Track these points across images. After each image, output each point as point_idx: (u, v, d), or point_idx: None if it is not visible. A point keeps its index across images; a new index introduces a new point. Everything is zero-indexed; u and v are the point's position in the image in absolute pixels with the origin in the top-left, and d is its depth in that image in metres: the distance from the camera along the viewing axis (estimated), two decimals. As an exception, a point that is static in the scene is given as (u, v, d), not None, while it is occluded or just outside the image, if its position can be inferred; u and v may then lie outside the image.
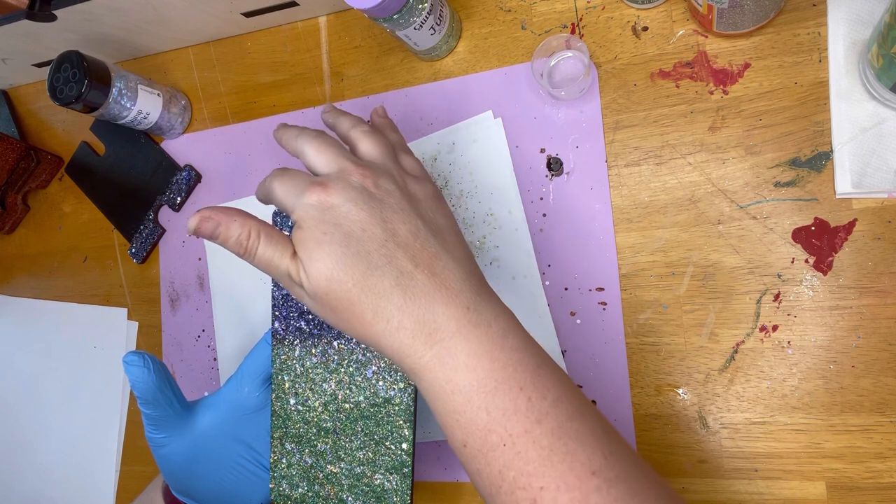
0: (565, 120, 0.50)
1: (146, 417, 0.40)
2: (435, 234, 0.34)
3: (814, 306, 0.43)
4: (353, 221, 0.32)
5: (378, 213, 0.32)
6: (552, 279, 0.49)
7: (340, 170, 0.33)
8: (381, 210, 0.32)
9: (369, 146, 0.36)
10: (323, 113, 0.40)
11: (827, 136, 0.44)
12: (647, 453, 0.46)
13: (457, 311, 0.32)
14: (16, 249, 0.72)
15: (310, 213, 0.32)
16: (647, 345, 0.47)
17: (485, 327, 0.32)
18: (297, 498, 0.42)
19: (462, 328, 0.31)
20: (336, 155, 0.34)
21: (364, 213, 0.32)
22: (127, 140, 0.65)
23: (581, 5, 0.51)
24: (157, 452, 0.41)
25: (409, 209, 0.33)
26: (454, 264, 0.33)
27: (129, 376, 0.39)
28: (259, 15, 0.59)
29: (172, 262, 0.63)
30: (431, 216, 0.34)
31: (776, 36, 0.46)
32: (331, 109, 0.40)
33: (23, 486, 0.67)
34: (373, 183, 0.33)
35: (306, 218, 0.32)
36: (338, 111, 0.39)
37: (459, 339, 0.31)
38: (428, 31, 0.50)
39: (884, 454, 0.41)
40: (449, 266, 0.33)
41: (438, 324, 0.31)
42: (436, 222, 0.34)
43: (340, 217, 0.32)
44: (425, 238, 0.33)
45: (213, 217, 0.33)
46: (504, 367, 0.31)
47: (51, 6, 0.56)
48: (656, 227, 0.47)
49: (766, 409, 0.44)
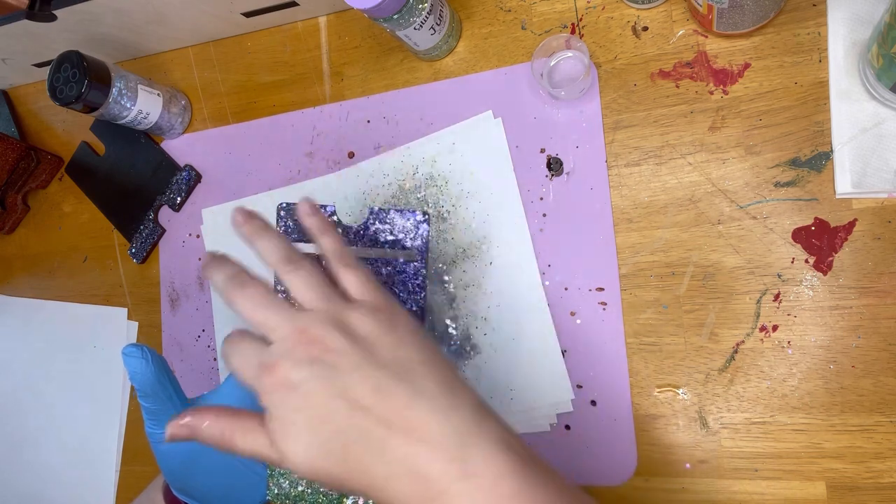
0: (565, 120, 0.50)
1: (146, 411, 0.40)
2: (400, 377, 0.31)
3: (814, 306, 0.43)
4: (313, 405, 0.31)
5: (336, 384, 0.31)
6: (552, 279, 0.49)
7: (282, 339, 0.32)
8: (337, 378, 0.31)
9: (301, 290, 0.34)
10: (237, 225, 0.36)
11: (827, 136, 0.44)
12: (647, 453, 0.46)
13: (442, 465, 0.30)
14: (16, 249, 0.72)
15: (271, 402, 0.31)
16: (647, 345, 0.47)
17: (473, 479, 0.30)
18: (295, 496, 0.42)
19: (452, 484, 0.30)
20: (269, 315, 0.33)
21: (321, 390, 0.31)
22: (127, 140, 0.65)
23: (581, 5, 0.51)
24: (156, 449, 0.41)
25: (365, 362, 0.31)
26: (428, 406, 0.31)
27: (127, 368, 0.39)
28: (259, 15, 0.59)
29: (172, 262, 0.63)
30: (392, 355, 0.32)
31: (776, 36, 0.46)
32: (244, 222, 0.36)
33: (23, 486, 0.67)
34: (319, 349, 0.31)
35: (269, 407, 0.31)
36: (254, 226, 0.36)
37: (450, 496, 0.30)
38: (428, 31, 0.50)
39: (884, 454, 0.41)
40: (423, 412, 0.30)
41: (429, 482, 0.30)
42: (398, 360, 0.32)
43: (300, 402, 0.31)
44: (390, 388, 0.31)
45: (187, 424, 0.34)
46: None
47: (51, 6, 0.56)
48: (656, 227, 0.47)
49: (766, 409, 0.44)
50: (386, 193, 0.55)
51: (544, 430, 0.48)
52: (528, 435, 0.48)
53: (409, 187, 0.54)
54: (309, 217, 0.39)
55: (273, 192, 0.59)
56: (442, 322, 0.51)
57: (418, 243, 0.51)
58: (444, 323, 0.51)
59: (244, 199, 0.60)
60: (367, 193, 0.55)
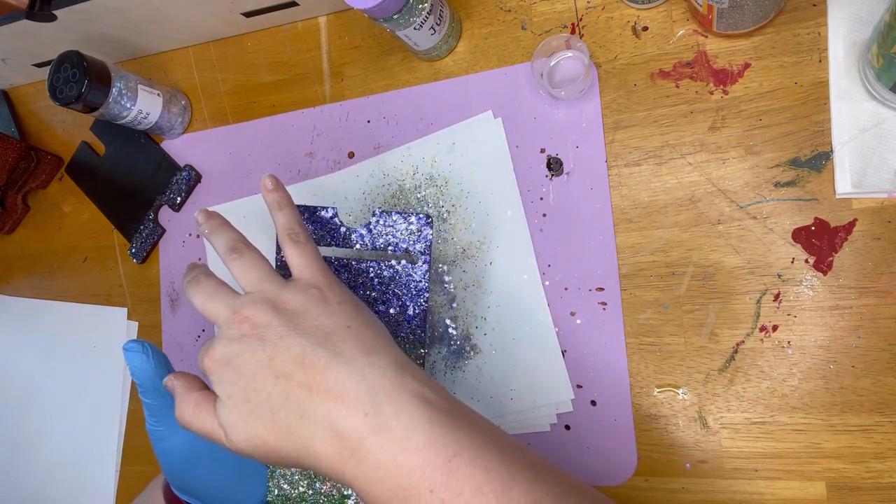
0: (565, 120, 0.50)
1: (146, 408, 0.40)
2: (322, 342, 0.33)
3: (814, 306, 0.43)
4: (244, 376, 0.33)
5: (261, 355, 0.33)
6: (552, 279, 0.49)
7: (223, 323, 0.35)
8: (262, 350, 0.33)
9: (240, 275, 0.37)
10: (198, 225, 0.40)
11: (827, 136, 0.44)
12: (647, 453, 0.46)
13: (356, 421, 0.31)
14: (16, 249, 0.72)
15: (213, 381, 0.34)
16: (647, 345, 0.47)
17: (386, 432, 0.31)
18: (296, 497, 0.42)
19: (365, 439, 0.31)
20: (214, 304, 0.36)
21: (250, 362, 0.33)
22: (127, 140, 0.65)
23: (581, 5, 0.51)
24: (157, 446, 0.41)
25: (289, 331, 0.33)
26: (347, 369, 0.33)
27: (128, 363, 0.39)
28: (259, 15, 0.59)
29: (172, 262, 0.63)
30: (316, 323, 0.34)
31: (776, 36, 0.46)
32: (205, 220, 0.40)
33: (23, 486, 0.68)
34: (249, 325, 0.34)
35: (214, 386, 0.34)
36: (213, 223, 0.39)
37: (364, 451, 0.31)
38: (428, 31, 0.50)
39: (884, 454, 0.41)
40: (342, 374, 0.32)
41: (346, 438, 0.31)
42: (322, 328, 0.34)
43: (233, 376, 0.33)
44: (312, 354, 0.33)
45: (166, 383, 0.37)
46: (410, 472, 0.30)
47: (51, 6, 0.56)
48: (656, 227, 0.47)
49: (766, 409, 0.44)
50: (386, 193, 0.55)
51: (544, 430, 0.48)
52: (528, 435, 0.48)
53: (409, 187, 0.54)
54: (269, 192, 0.40)
55: (273, 192, 0.59)
56: (442, 322, 0.51)
57: (421, 246, 0.51)
58: (444, 323, 0.51)
59: (244, 199, 0.60)
60: (367, 193, 0.55)
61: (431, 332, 0.52)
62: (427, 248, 0.49)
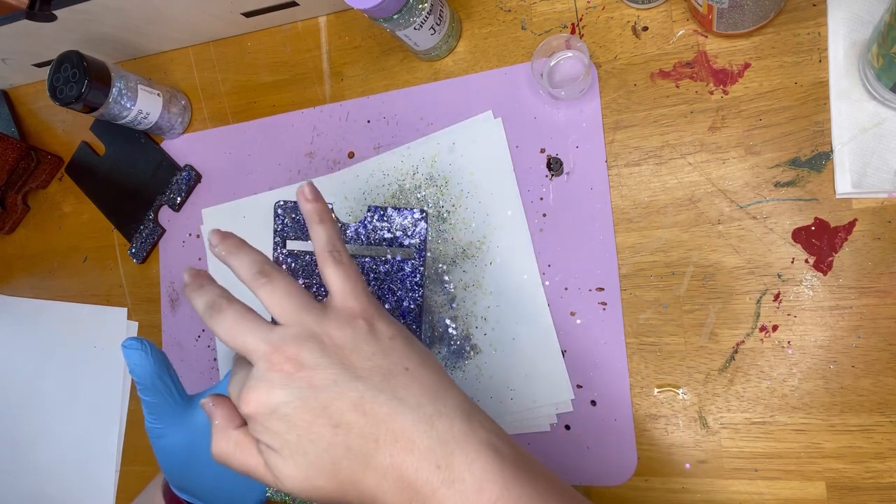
0: (565, 120, 0.50)
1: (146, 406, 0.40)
2: (381, 388, 0.31)
3: (814, 306, 0.43)
4: (297, 426, 0.30)
5: (314, 404, 0.30)
6: (552, 279, 0.49)
7: (259, 360, 0.31)
8: (315, 398, 0.30)
9: (274, 304, 0.32)
10: (212, 247, 0.35)
11: (827, 136, 0.44)
12: (647, 453, 0.46)
13: (427, 472, 0.30)
14: (16, 249, 0.72)
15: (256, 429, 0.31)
16: (647, 345, 0.47)
17: (458, 484, 0.30)
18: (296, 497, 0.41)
19: (437, 490, 0.30)
20: (245, 338, 0.32)
21: (301, 411, 0.30)
22: (127, 140, 0.65)
23: (581, 5, 0.51)
24: (156, 444, 0.41)
25: (343, 375, 0.31)
26: (412, 416, 0.31)
27: (127, 361, 0.39)
28: (259, 15, 0.59)
29: (172, 262, 0.63)
30: (369, 364, 0.31)
31: (776, 36, 0.46)
32: (220, 241, 0.35)
33: (23, 486, 0.68)
34: (293, 366, 0.31)
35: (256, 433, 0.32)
36: (230, 244, 0.35)
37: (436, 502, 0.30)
38: (428, 31, 0.50)
39: (884, 454, 0.41)
40: (408, 423, 0.31)
41: (416, 490, 0.30)
42: (378, 369, 0.31)
43: (283, 426, 0.31)
44: (372, 401, 0.31)
45: (205, 406, 0.35)
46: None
47: (51, 6, 0.56)
48: (656, 227, 0.47)
49: (766, 409, 0.44)
50: (386, 193, 0.55)
51: (544, 430, 0.48)
52: (528, 435, 0.48)
53: (409, 187, 0.54)
54: (308, 203, 0.37)
55: (273, 191, 0.59)
56: (442, 322, 0.51)
57: (416, 241, 0.51)
58: (444, 323, 0.51)
59: (244, 199, 0.60)
60: (367, 193, 0.55)
61: (431, 332, 0.52)
62: (423, 242, 0.49)
